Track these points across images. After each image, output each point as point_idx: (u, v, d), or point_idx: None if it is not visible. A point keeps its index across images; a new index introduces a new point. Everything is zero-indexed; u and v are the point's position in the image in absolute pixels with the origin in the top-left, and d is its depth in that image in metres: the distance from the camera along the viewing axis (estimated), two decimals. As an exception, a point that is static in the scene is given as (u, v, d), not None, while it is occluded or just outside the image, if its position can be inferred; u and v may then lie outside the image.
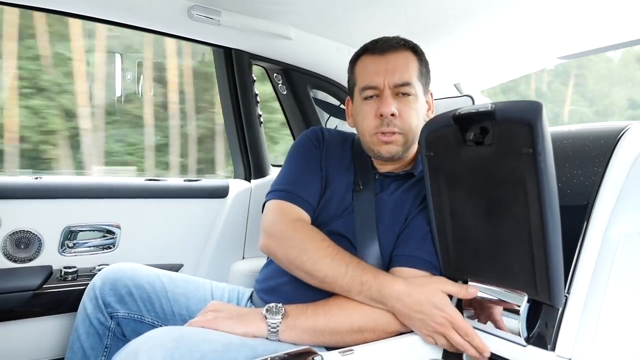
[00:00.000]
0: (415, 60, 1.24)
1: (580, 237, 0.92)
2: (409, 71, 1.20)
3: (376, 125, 1.20)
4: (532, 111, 0.82)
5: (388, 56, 1.21)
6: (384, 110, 1.17)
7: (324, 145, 1.36)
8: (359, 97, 1.24)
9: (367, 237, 1.20)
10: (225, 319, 1.05)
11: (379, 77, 1.19)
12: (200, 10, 1.57)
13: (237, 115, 1.94)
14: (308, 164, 1.32)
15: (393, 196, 1.25)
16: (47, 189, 1.61)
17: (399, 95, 1.20)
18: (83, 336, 1.27)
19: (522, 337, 0.90)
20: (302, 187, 1.27)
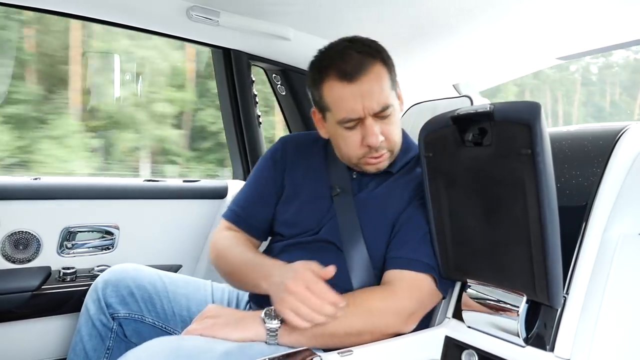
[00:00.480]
0: (385, 71, 1.14)
1: (579, 237, 0.92)
2: (384, 91, 1.12)
3: (363, 153, 1.16)
4: (531, 112, 0.82)
5: (360, 81, 1.09)
6: (372, 142, 1.12)
7: (287, 160, 1.34)
8: (334, 122, 1.16)
9: (353, 241, 1.17)
10: (223, 325, 1.01)
11: (356, 107, 1.10)
12: (199, 11, 1.57)
13: (235, 115, 1.94)
14: (258, 185, 1.35)
15: (373, 194, 1.22)
16: (46, 190, 1.61)
17: (379, 117, 1.13)
18: (85, 338, 1.27)
19: (520, 337, 0.90)
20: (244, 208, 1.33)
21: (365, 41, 1.16)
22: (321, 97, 1.16)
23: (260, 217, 1.32)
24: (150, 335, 1.28)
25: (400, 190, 1.19)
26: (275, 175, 1.32)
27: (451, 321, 1.08)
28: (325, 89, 1.14)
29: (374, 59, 1.13)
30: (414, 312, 1.05)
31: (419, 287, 1.07)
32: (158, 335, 1.26)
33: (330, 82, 1.12)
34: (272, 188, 1.32)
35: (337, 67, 1.10)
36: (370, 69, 1.10)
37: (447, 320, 1.09)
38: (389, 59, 1.17)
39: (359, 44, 1.14)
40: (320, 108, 1.20)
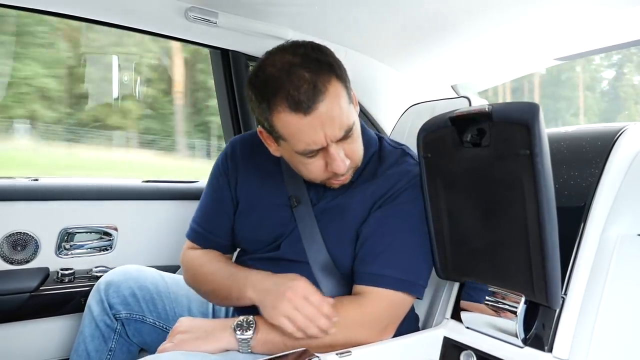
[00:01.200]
0: (341, 86, 1.00)
1: (577, 238, 0.92)
2: (345, 112, 0.99)
3: (327, 176, 1.06)
4: (529, 112, 0.82)
5: (318, 110, 0.95)
6: (339, 169, 1.02)
7: (239, 165, 1.23)
8: (291, 150, 1.03)
9: (317, 253, 1.11)
10: (194, 340, 1.00)
11: (317, 138, 0.97)
12: (197, 12, 1.57)
13: (234, 117, 1.94)
14: (213, 195, 1.26)
15: (333, 203, 1.14)
16: (44, 191, 1.60)
17: (342, 140, 1.01)
18: (88, 338, 1.27)
19: (519, 338, 0.90)
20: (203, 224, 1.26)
21: (311, 53, 0.99)
22: (272, 127, 1.01)
23: (222, 231, 1.24)
24: (150, 335, 1.29)
25: (361, 195, 1.12)
26: (230, 182, 1.23)
27: (449, 322, 1.08)
28: (275, 119, 0.98)
29: (328, 75, 0.97)
30: (388, 324, 1.04)
31: (390, 301, 1.04)
32: (159, 335, 1.27)
33: (282, 113, 0.96)
34: (227, 197, 1.23)
35: (287, 94, 0.94)
36: (325, 91, 0.95)
37: (445, 321, 1.09)
38: (340, 66, 1.03)
39: (307, 60, 0.97)
40: (270, 133, 1.05)
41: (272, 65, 0.99)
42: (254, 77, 1.03)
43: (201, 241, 1.25)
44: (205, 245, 1.25)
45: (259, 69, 1.02)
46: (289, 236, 1.14)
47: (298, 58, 0.97)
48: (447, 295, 1.13)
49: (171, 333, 1.05)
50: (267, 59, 1.02)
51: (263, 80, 0.99)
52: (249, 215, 1.20)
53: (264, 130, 1.07)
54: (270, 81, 0.97)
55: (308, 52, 0.99)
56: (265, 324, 1.00)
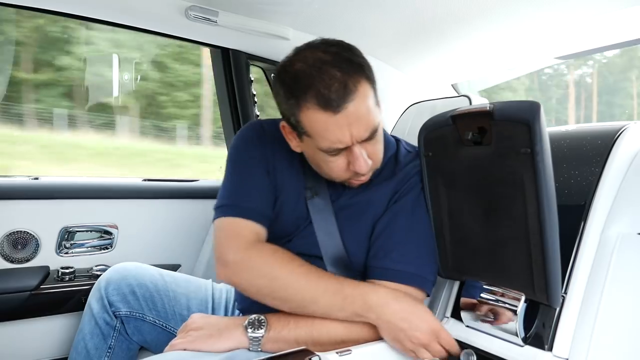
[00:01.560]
0: (370, 87, 1.00)
1: (578, 237, 0.92)
2: (372, 113, 0.99)
3: (348, 176, 1.06)
4: (531, 111, 0.82)
5: (347, 109, 0.95)
6: (361, 169, 1.01)
7: (269, 144, 1.17)
8: (315, 147, 1.02)
9: (334, 251, 1.11)
10: (206, 337, 1.01)
11: (344, 137, 0.97)
12: (198, 11, 1.57)
13: (234, 115, 1.94)
14: (253, 169, 1.14)
15: (353, 201, 1.13)
16: (45, 190, 1.61)
17: (367, 141, 1.01)
18: (88, 336, 1.27)
19: (519, 337, 0.90)
20: (253, 197, 1.11)
21: (343, 52, 0.99)
22: (298, 122, 1.00)
23: (265, 199, 1.13)
24: (150, 333, 1.29)
25: (380, 194, 1.13)
26: (266, 157, 1.16)
27: (450, 320, 1.08)
28: (303, 115, 0.98)
29: (359, 76, 0.97)
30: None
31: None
32: (158, 333, 1.27)
33: (310, 110, 0.96)
34: (266, 168, 1.16)
35: (318, 92, 0.94)
36: (356, 91, 0.96)
37: (445, 319, 1.09)
38: (370, 68, 1.03)
39: (338, 59, 0.97)
40: (294, 129, 1.04)
41: (302, 62, 0.99)
42: (282, 72, 1.02)
43: (242, 213, 1.09)
44: (247, 217, 1.08)
45: (288, 64, 1.01)
46: (303, 231, 1.14)
47: (329, 56, 0.97)
48: (448, 293, 1.13)
49: (183, 329, 1.06)
50: (296, 54, 1.02)
51: (293, 75, 0.99)
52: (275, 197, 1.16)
53: (287, 125, 1.06)
54: (301, 77, 0.97)
55: (340, 51, 0.99)
56: (276, 324, 1.02)
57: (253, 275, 1.03)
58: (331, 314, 1.00)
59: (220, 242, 1.07)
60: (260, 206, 1.11)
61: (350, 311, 0.99)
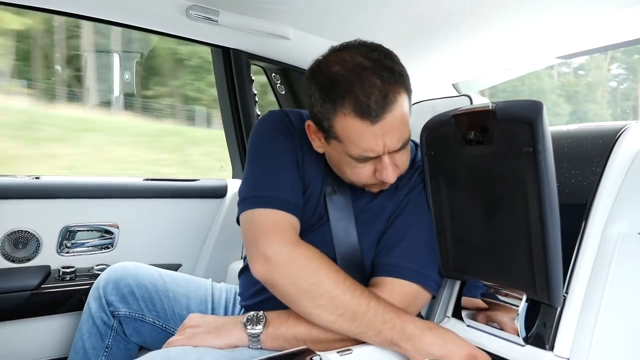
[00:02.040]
0: (407, 99, 0.99)
1: (579, 236, 0.92)
2: (406, 124, 0.99)
3: (373, 182, 1.04)
4: (533, 110, 0.82)
5: (384, 120, 0.93)
6: (388, 179, 1.00)
7: (296, 136, 1.12)
8: (343, 152, 1.00)
9: (349, 252, 1.09)
10: (205, 334, 1.00)
11: (377, 147, 0.96)
12: (199, 10, 1.57)
13: (235, 114, 1.94)
14: (284, 159, 1.09)
15: (372, 204, 1.13)
16: (46, 189, 1.60)
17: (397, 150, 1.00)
18: (85, 335, 1.27)
19: (520, 336, 0.90)
20: (287, 189, 1.05)
21: (384, 60, 0.97)
22: (331, 127, 0.97)
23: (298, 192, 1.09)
24: (150, 334, 1.29)
25: (396, 199, 1.13)
26: (296, 149, 1.12)
27: (450, 320, 1.08)
28: (338, 121, 0.96)
29: (399, 86, 0.96)
30: None
31: (404, 293, 1.03)
32: (158, 334, 1.27)
33: (347, 117, 0.94)
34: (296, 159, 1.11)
35: (357, 99, 0.92)
36: (395, 102, 0.94)
37: (446, 319, 1.09)
38: (408, 77, 1.01)
39: (380, 66, 0.95)
40: (324, 131, 1.01)
41: (340, 64, 0.96)
42: (318, 72, 0.99)
43: (281, 205, 1.02)
44: (285, 209, 1.02)
45: (325, 64, 0.99)
46: (319, 229, 1.12)
47: (370, 62, 0.95)
48: (449, 293, 1.13)
49: (181, 328, 1.05)
50: (333, 55, 0.99)
51: (330, 78, 0.96)
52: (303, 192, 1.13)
53: (313, 125, 1.04)
54: (339, 82, 0.94)
55: (381, 58, 0.97)
56: (275, 321, 1.00)
57: (298, 276, 0.96)
58: (365, 335, 0.95)
59: (257, 236, 0.99)
60: (296, 198, 1.06)
61: (388, 337, 0.94)
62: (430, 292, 1.06)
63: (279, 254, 0.96)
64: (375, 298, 0.97)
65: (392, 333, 0.94)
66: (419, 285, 1.04)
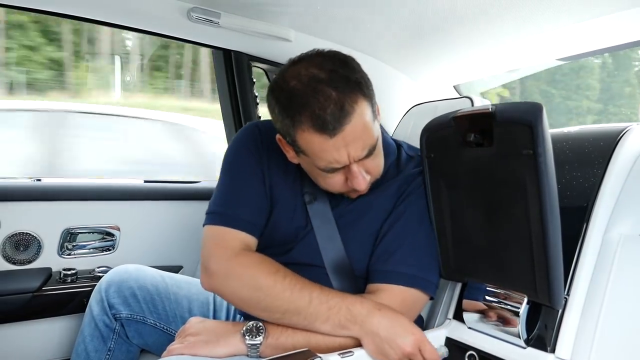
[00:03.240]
0: (367, 104, 0.96)
1: (580, 238, 0.92)
2: (369, 131, 0.97)
3: (346, 190, 1.05)
4: (533, 112, 0.82)
5: (344, 131, 0.92)
6: (359, 187, 1.01)
7: (264, 149, 1.14)
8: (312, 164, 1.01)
9: (336, 257, 1.09)
10: (204, 343, 1.00)
11: (341, 158, 0.95)
12: (200, 12, 1.57)
13: (236, 116, 1.94)
14: (248, 175, 1.12)
15: (353, 206, 1.12)
16: (47, 191, 1.61)
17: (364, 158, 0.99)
18: (88, 338, 1.27)
19: (521, 338, 0.90)
20: (244, 206, 1.09)
21: (339, 69, 0.95)
22: (294, 141, 0.98)
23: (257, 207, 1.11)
24: (152, 336, 1.29)
25: (381, 199, 1.11)
26: (260, 163, 1.13)
27: (452, 322, 1.08)
28: (299, 135, 0.96)
29: (355, 95, 0.94)
30: None
31: (403, 298, 1.03)
32: (159, 336, 1.27)
33: (306, 132, 0.94)
34: (261, 175, 1.13)
35: (313, 114, 0.91)
36: (352, 112, 0.93)
37: (447, 321, 1.09)
38: (367, 81, 0.99)
39: (334, 77, 0.93)
40: (291, 145, 1.02)
41: (296, 79, 0.95)
42: (276, 89, 1.00)
43: (230, 222, 1.07)
44: (234, 226, 1.07)
45: (281, 79, 0.99)
46: (303, 239, 1.12)
47: (325, 74, 0.94)
48: (450, 295, 1.13)
49: (180, 333, 1.05)
50: (290, 69, 0.99)
51: (287, 93, 0.96)
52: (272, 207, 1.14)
53: (283, 139, 1.04)
54: (295, 97, 0.94)
55: (336, 68, 0.95)
56: (274, 331, 1.00)
57: (236, 285, 1.01)
58: (315, 325, 0.98)
59: (206, 251, 1.07)
60: (251, 216, 1.09)
61: (335, 322, 0.97)
62: (429, 295, 1.06)
63: (219, 267, 1.03)
64: (318, 288, 0.99)
65: (339, 317, 0.96)
66: (418, 290, 1.04)
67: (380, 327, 0.95)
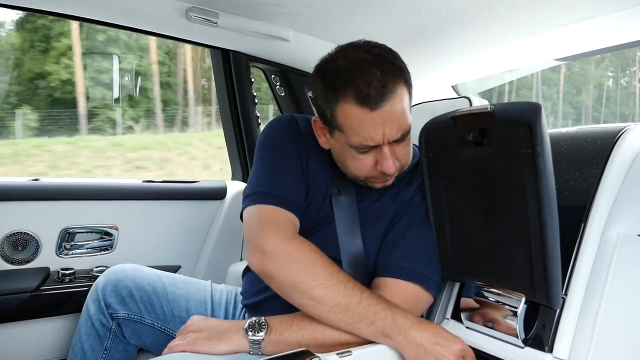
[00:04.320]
0: (406, 92, 1.03)
1: (578, 238, 0.92)
2: (405, 115, 1.02)
3: (374, 175, 1.07)
4: (532, 112, 0.82)
5: (383, 108, 0.97)
6: (388, 170, 1.03)
7: (303, 139, 1.17)
8: (345, 142, 1.04)
9: (354, 253, 1.11)
10: (206, 339, 1.00)
11: (376, 135, 0.99)
12: (198, 12, 1.57)
13: (234, 116, 1.94)
14: (288, 160, 1.14)
15: (376, 204, 1.15)
16: (45, 191, 1.60)
17: (397, 142, 1.03)
18: (84, 337, 1.27)
19: (519, 338, 0.91)
20: (289, 188, 1.10)
21: (385, 55, 1.02)
22: (333, 116, 1.02)
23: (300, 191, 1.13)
24: (149, 336, 1.29)
25: (399, 200, 1.14)
26: (300, 151, 1.16)
27: (450, 322, 1.08)
28: (340, 109, 1.00)
29: (398, 78, 1.00)
30: None
31: (405, 294, 1.04)
32: (157, 336, 1.27)
33: (348, 105, 0.98)
34: (300, 161, 1.15)
35: (358, 88, 0.96)
36: (393, 92, 0.98)
37: (445, 321, 1.09)
38: (409, 73, 1.06)
39: (380, 60, 1.00)
40: (327, 123, 1.06)
41: (344, 59, 1.02)
42: (324, 66, 1.05)
43: (279, 202, 1.07)
44: (284, 206, 1.07)
45: (330, 59, 1.05)
46: (324, 228, 1.14)
47: (371, 56, 1.00)
48: (448, 295, 1.13)
49: (182, 331, 1.05)
50: (338, 52, 1.05)
51: (335, 69, 1.02)
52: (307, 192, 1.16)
53: (319, 120, 1.09)
54: (342, 73, 1.00)
55: (382, 53, 1.02)
56: (278, 327, 1.00)
57: (293, 268, 0.98)
58: (358, 327, 0.97)
59: (257, 229, 1.03)
60: (297, 197, 1.10)
61: (380, 328, 0.96)
62: (431, 293, 1.06)
63: (275, 246, 0.99)
64: (367, 290, 0.99)
65: (383, 324, 0.96)
66: (419, 286, 1.05)
67: (424, 339, 0.94)
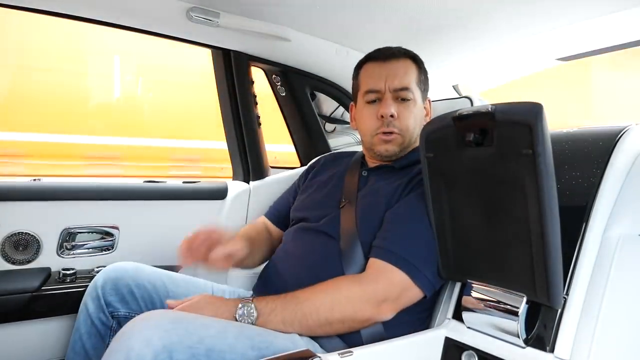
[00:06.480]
0: (415, 68, 1.33)
1: (579, 238, 0.92)
2: (407, 77, 1.30)
3: (377, 127, 1.30)
4: (532, 112, 0.82)
5: (389, 63, 1.31)
6: (384, 112, 1.27)
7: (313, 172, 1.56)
8: (362, 100, 1.34)
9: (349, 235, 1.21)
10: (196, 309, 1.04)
11: (380, 82, 1.29)
12: (199, 12, 1.57)
13: (235, 116, 1.94)
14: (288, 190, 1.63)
15: (372, 188, 1.29)
16: (46, 191, 1.60)
17: (398, 100, 1.29)
18: (85, 336, 1.27)
19: (520, 338, 0.90)
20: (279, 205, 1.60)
21: (407, 49, 1.36)
22: (357, 80, 1.39)
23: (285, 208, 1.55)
24: (150, 335, 1.28)
25: (397, 184, 1.24)
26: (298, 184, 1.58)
27: (451, 322, 1.08)
28: (362, 71, 1.37)
29: (408, 57, 1.34)
30: (384, 299, 1.06)
31: (388, 276, 1.07)
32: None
33: (367, 65, 1.36)
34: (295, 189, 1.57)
35: (376, 53, 1.35)
36: (401, 59, 1.32)
37: (447, 321, 1.09)
38: (422, 64, 1.37)
39: (400, 47, 1.36)
40: (355, 93, 1.41)
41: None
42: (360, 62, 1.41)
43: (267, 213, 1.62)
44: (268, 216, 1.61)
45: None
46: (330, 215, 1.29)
47: (394, 46, 1.36)
48: (449, 295, 1.13)
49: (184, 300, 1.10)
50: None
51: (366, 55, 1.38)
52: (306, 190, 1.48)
53: (353, 103, 1.45)
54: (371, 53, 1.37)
55: (401, 47, 1.36)
56: (264, 310, 1.05)
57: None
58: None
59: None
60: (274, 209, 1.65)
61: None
62: (419, 287, 1.08)
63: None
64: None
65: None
66: (406, 275, 1.06)
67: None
